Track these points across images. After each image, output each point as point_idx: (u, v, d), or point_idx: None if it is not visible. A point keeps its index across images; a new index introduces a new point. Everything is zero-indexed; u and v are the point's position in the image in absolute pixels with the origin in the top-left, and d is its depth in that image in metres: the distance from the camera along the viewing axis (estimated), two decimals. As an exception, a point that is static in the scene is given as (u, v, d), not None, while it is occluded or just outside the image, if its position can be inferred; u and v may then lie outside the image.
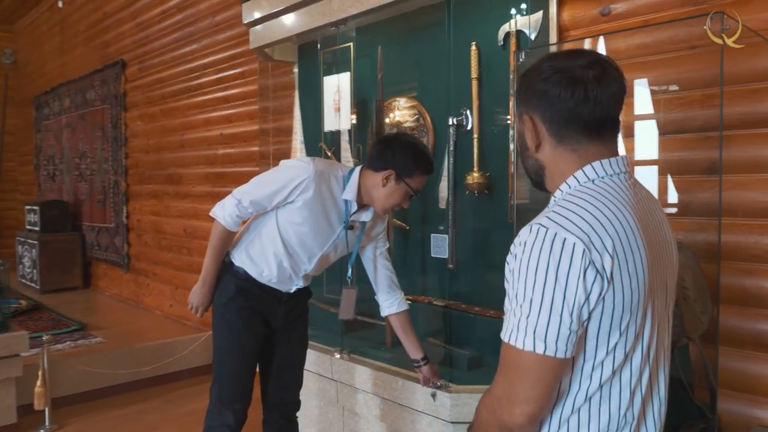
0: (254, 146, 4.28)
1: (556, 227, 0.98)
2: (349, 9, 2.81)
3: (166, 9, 5.20)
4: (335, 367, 2.92)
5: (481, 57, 2.74)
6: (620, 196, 1.04)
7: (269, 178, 2.16)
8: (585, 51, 1.10)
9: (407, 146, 2.15)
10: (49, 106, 7.86)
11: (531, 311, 0.97)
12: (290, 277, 2.29)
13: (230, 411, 2.29)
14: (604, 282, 0.96)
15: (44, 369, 3.53)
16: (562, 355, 0.97)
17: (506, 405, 1.01)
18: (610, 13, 2.40)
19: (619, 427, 1.05)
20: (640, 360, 1.05)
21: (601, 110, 1.05)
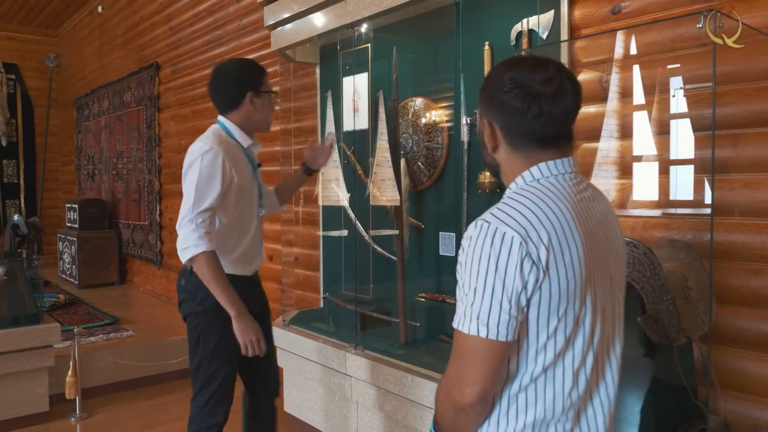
0: (279, 146, 4.37)
1: (497, 222, 1.06)
2: (364, 11, 2.85)
3: (198, 12, 5.35)
4: (349, 362, 2.98)
5: (494, 56, 2.76)
6: (560, 194, 1.12)
7: (197, 176, 2.10)
8: (546, 63, 1.15)
9: (237, 68, 2.28)
10: (89, 108, 8.14)
11: (475, 299, 1.06)
12: (257, 247, 2.42)
13: (219, 410, 2.30)
14: (539, 272, 1.04)
15: (75, 360, 3.69)
16: (504, 339, 1.06)
17: (458, 386, 1.10)
18: (620, 12, 2.39)
19: (564, 407, 1.12)
20: (582, 344, 1.12)
21: (554, 125, 1.13)
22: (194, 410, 2.32)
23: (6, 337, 3.46)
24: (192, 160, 2.14)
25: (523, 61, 1.18)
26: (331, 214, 3.78)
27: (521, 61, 1.18)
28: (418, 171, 3.15)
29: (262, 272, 4.66)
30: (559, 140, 1.16)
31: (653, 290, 1.73)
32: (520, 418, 1.13)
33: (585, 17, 2.50)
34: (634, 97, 2.39)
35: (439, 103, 3.08)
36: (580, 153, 2.52)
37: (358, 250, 3.50)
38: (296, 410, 3.52)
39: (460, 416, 1.13)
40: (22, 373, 3.58)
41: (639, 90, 2.36)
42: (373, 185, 3.38)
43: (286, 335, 3.44)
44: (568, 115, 1.15)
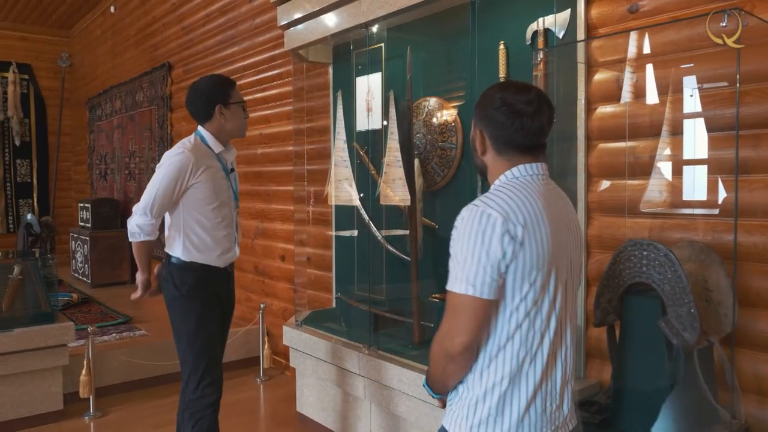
0: (291, 146, 4.37)
1: (484, 206, 1.34)
2: (378, 10, 2.85)
3: (210, 12, 5.36)
4: (362, 363, 2.97)
5: (510, 56, 2.74)
6: (532, 189, 1.40)
7: (160, 179, 2.45)
8: (529, 88, 1.44)
9: (206, 85, 2.56)
10: (102, 108, 8.19)
11: (465, 265, 1.32)
12: (230, 243, 2.65)
13: (211, 390, 2.55)
14: (516, 244, 1.31)
15: (89, 359, 3.70)
16: (487, 297, 1.32)
17: (449, 337, 1.36)
18: (638, 11, 2.37)
19: (532, 363, 1.38)
20: (548, 309, 1.38)
21: (531, 138, 1.43)
22: (189, 396, 2.55)
23: (21, 336, 3.48)
24: (163, 163, 2.49)
25: (511, 84, 1.48)
26: (344, 214, 3.77)
27: (510, 84, 1.48)
28: (432, 171, 3.14)
29: (273, 271, 4.69)
30: (533, 149, 1.45)
31: (674, 292, 1.71)
32: (498, 371, 1.38)
33: (602, 16, 2.48)
34: (650, 96, 2.36)
35: (453, 103, 3.06)
36: (596, 153, 2.50)
37: (371, 250, 3.49)
38: (309, 410, 3.52)
39: (451, 363, 1.39)
40: (36, 371, 3.59)
41: (655, 90, 2.34)
42: (384, 185, 3.38)
43: (299, 335, 3.44)
44: (543, 130, 1.45)
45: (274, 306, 4.63)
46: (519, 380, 1.37)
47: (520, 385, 1.38)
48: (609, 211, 2.48)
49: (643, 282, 1.80)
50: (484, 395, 1.39)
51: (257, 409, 3.97)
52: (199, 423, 2.54)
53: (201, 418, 2.54)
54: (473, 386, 1.41)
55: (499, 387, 1.37)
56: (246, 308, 5.01)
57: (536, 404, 1.39)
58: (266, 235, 4.74)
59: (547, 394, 1.41)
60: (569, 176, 2.54)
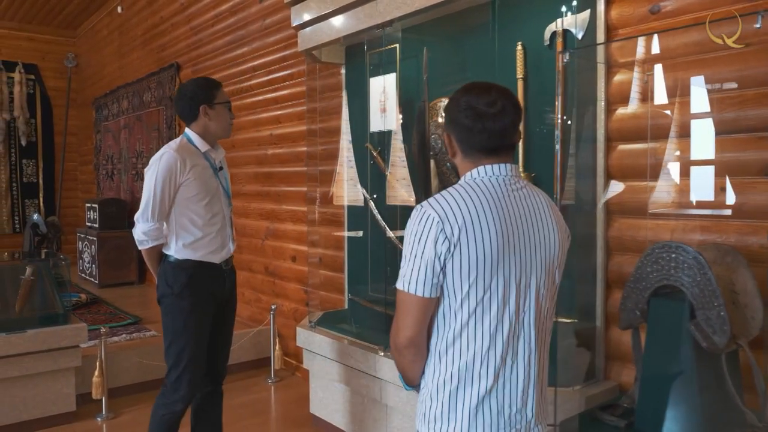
0: (303, 146, 4.37)
1: (426, 206, 1.39)
2: (395, 11, 2.84)
3: (219, 13, 5.35)
4: (379, 364, 2.96)
5: (527, 57, 2.73)
6: (486, 190, 1.41)
7: (153, 183, 2.51)
8: (492, 89, 1.45)
9: (191, 86, 2.63)
10: (108, 108, 8.18)
11: (406, 264, 1.40)
12: (224, 239, 2.70)
13: (187, 387, 2.60)
14: (451, 245, 1.35)
15: (102, 360, 3.70)
16: (426, 295, 1.38)
17: (395, 332, 1.44)
18: (660, 11, 2.36)
19: (483, 363, 1.40)
20: (497, 311, 1.39)
21: (494, 139, 1.44)
22: (166, 385, 2.65)
23: (35, 337, 3.48)
24: (151, 167, 2.55)
25: (474, 87, 1.47)
26: (357, 215, 3.76)
27: (474, 87, 1.48)
28: (448, 172, 3.13)
29: (284, 272, 4.68)
30: (498, 150, 1.46)
31: (703, 295, 1.70)
32: (448, 368, 1.42)
33: (622, 17, 2.47)
34: (672, 97, 2.35)
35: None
36: (617, 155, 2.49)
37: (384, 250, 3.49)
38: (322, 412, 3.51)
39: (399, 356, 1.47)
40: (49, 373, 3.59)
41: (677, 91, 2.33)
42: (388, 186, 3.37)
43: (312, 337, 3.43)
44: (506, 131, 1.44)
45: (285, 307, 4.62)
46: (470, 378, 1.40)
47: (471, 383, 1.40)
48: (629, 212, 2.47)
49: (671, 285, 1.79)
50: (436, 391, 1.44)
51: (270, 411, 3.96)
52: (168, 416, 2.64)
53: (171, 411, 2.63)
54: (428, 381, 1.46)
55: (449, 383, 1.42)
56: (256, 309, 5.01)
57: (491, 404, 1.41)
58: (277, 236, 4.74)
59: (504, 396, 1.42)
60: (588, 177, 2.53)
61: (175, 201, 2.56)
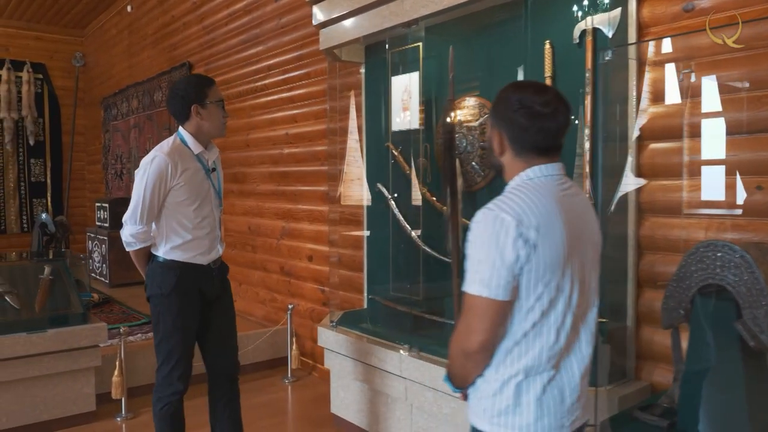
0: (319, 146, 4.36)
1: (497, 210, 1.38)
2: (422, 9, 2.82)
3: (233, 12, 5.34)
4: (404, 364, 2.95)
5: (556, 55, 2.72)
6: (546, 190, 1.44)
7: (143, 187, 2.50)
8: (546, 89, 1.49)
9: (182, 85, 2.60)
10: (117, 107, 8.17)
11: (480, 267, 1.38)
12: (212, 241, 2.70)
13: (180, 381, 2.66)
14: (529, 247, 1.36)
15: (121, 359, 3.69)
16: (502, 298, 1.37)
17: (465, 336, 1.42)
18: (693, 9, 2.34)
19: (548, 357, 1.44)
20: (563, 307, 1.43)
21: (549, 139, 1.46)
22: (158, 380, 2.69)
23: (55, 337, 3.47)
24: (141, 170, 2.53)
25: (528, 85, 1.52)
26: (376, 214, 3.75)
27: (527, 85, 1.53)
28: (472, 171, 3.12)
29: (300, 272, 4.66)
30: (550, 150, 1.48)
31: (750, 294, 1.69)
32: (514, 365, 1.44)
33: (655, 15, 2.45)
34: (705, 96, 2.34)
35: (495, 103, 3.03)
36: (648, 154, 2.48)
37: (405, 250, 3.47)
38: (344, 412, 3.50)
39: (468, 361, 1.46)
40: (69, 372, 3.58)
41: (711, 90, 2.32)
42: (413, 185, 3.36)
43: (335, 336, 3.42)
44: (561, 131, 1.48)
45: (301, 307, 4.61)
46: (535, 374, 1.44)
47: (536, 378, 1.44)
48: (661, 211, 2.46)
49: (716, 284, 1.78)
50: (501, 387, 1.45)
51: (289, 411, 3.95)
52: (166, 407, 2.68)
53: (168, 403, 2.68)
54: (490, 379, 1.47)
55: (515, 379, 1.44)
56: (271, 309, 4.99)
57: (554, 395, 1.45)
58: (292, 236, 4.72)
59: (565, 386, 1.47)
60: (619, 176, 2.52)
61: (165, 204, 2.57)
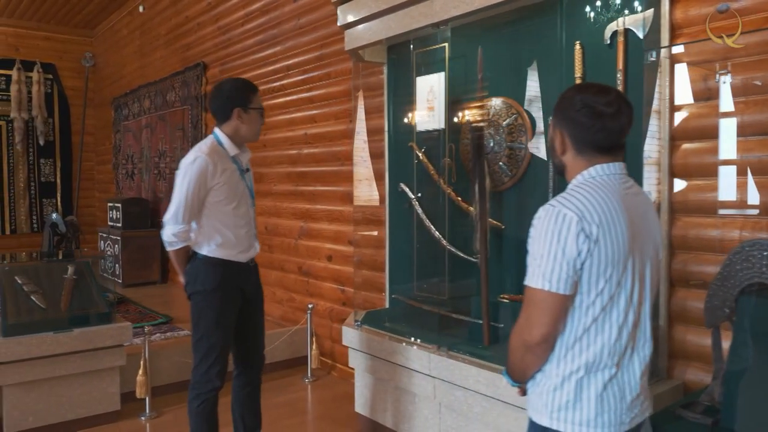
0: (339, 146, 4.37)
1: (560, 206, 1.43)
2: (453, 10, 2.83)
3: (249, 12, 5.35)
4: (433, 363, 2.96)
5: (586, 56, 2.73)
6: (609, 188, 1.47)
7: (185, 187, 2.57)
8: (608, 90, 1.51)
9: (229, 86, 2.67)
10: (129, 107, 8.18)
11: (542, 262, 1.42)
12: (250, 239, 2.79)
13: (218, 378, 2.71)
14: (591, 243, 1.40)
15: (146, 359, 3.70)
16: (563, 292, 1.41)
17: (527, 329, 1.46)
18: (728, 10, 2.36)
19: (610, 353, 1.46)
20: (625, 303, 1.46)
21: (612, 138, 1.49)
22: (195, 377, 2.74)
23: (81, 336, 3.48)
24: (182, 170, 2.60)
25: (590, 86, 1.54)
26: (399, 214, 3.76)
27: (589, 86, 1.54)
28: (500, 171, 3.13)
29: (319, 272, 4.68)
30: (612, 149, 1.51)
31: (798, 293, 1.70)
32: (575, 360, 1.47)
33: (688, 16, 2.47)
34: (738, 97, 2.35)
35: (523, 103, 3.05)
36: (681, 154, 2.49)
37: (430, 250, 3.49)
38: (369, 411, 3.51)
39: (529, 354, 1.50)
40: (95, 372, 3.59)
41: (747, 90, 2.33)
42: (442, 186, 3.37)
43: (360, 336, 3.43)
44: (623, 130, 1.50)
45: (320, 306, 4.62)
46: (596, 369, 1.46)
47: (596, 373, 1.47)
48: (694, 211, 2.47)
49: (761, 282, 1.80)
50: (561, 383, 1.48)
51: (312, 410, 3.96)
52: (204, 404, 2.74)
53: (205, 400, 2.73)
54: (550, 374, 1.50)
55: (575, 375, 1.47)
56: (288, 308, 5.01)
57: (614, 392, 1.47)
58: (311, 236, 4.74)
59: (626, 384, 1.49)
60: (651, 176, 2.53)
61: (205, 204, 2.63)
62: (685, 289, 2.49)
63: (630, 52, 2.56)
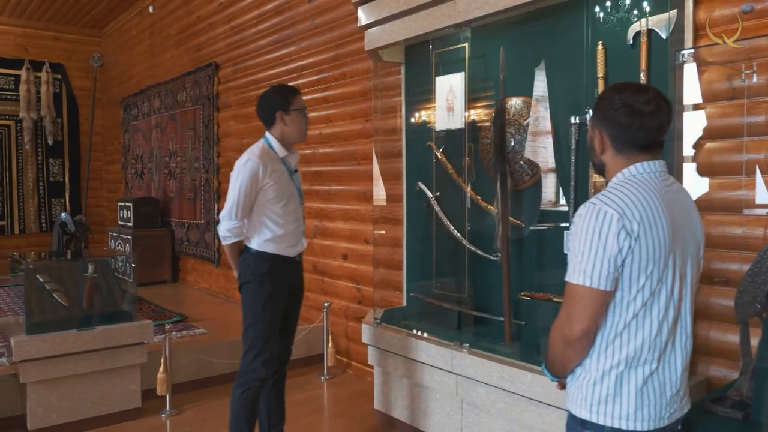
0: (355, 145, 4.40)
1: (600, 204, 1.45)
2: (476, 11, 2.87)
3: (263, 12, 5.38)
4: (456, 360, 2.99)
5: (608, 57, 2.76)
6: (649, 186, 1.50)
7: (237, 186, 2.73)
8: (646, 88, 1.54)
9: (269, 93, 2.87)
10: (138, 107, 8.22)
11: (583, 259, 1.45)
12: (298, 236, 2.95)
13: (264, 367, 2.82)
14: (632, 240, 1.42)
15: (166, 356, 3.73)
16: (604, 288, 1.44)
17: (567, 324, 1.49)
18: (752, 11, 2.39)
19: (650, 348, 1.49)
20: (665, 299, 1.49)
21: (651, 136, 1.52)
22: (243, 366, 2.85)
23: (104, 334, 3.51)
24: (235, 171, 2.78)
25: (629, 86, 1.55)
26: (418, 213, 3.80)
27: (628, 86, 1.56)
28: (520, 170, 3.16)
29: (334, 270, 4.71)
30: (652, 147, 1.54)
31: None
32: (615, 355, 1.49)
33: (712, 17, 2.50)
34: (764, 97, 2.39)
35: (544, 103, 3.08)
36: (704, 153, 2.52)
37: (449, 248, 3.52)
38: (389, 408, 3.54)
39: (569, 348, 1.52)
40: (116, 369, 3.62)
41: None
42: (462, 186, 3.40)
43: (380, 333, 3.46)
44: (662, 128, 1.53)
45: (335, 305, 4.66)
46: (636, 364, 1.49)
47: (636, 368, 1.49)
48: (717, 209, 2.50)
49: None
50: (601, 377, 1.51)
51: (329, 408, 3.99)
52: (248, 392, 2.83)
53: (249, 388, 2.83)
54: (590, 368, 1.53)
55: (615, 369, 1.50)
56: (304, 307, 4.98)
57: (654, 386, 1.50)
58: (325, 234, 4.77)
59: (666, 379, 1.52)
60: (677, 175, 2.56)
61: (257, 202, 2.80)
62: (708, 287, 2.52)
63: (653, 52, 2.60)
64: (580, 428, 1.57)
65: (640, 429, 1.50)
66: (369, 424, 3.64)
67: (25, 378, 3.34)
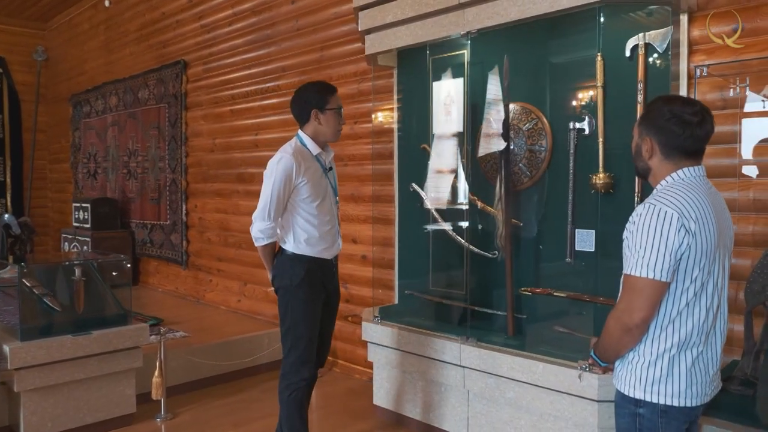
0: (342, 147, 4.46)
1: (660, 204, 1.64)
2: (487, 20, 3.00)
3: (238, 12, 5.35)
4: (464, 354, 3.13)
5: (607, 68, 2.97)
6: (698, 188, 1.70)
7: (270, 185, 2.69)
8: (692, 101, 1.75)
9: (306, 90, 2.85)
10: (91, 105, 7.92)
11: (645, 253, 1.63)
12: (334, 236, 2.90)
13: (306, 368, 2.83)
14: (690, 237, 1.61)
15: (161, 360, 3.69)
16: (664, 279, 1.63)
17: (628, 313, 1.68)
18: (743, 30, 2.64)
19: (699, 333, 1.69)
20: (712, 289, 1.70)
21: (698, 144, 1.72)
22: (285, 368, 2.85)
23: (100, 339, 3.44)
24: (269, 170, 2.73)
25: (677, 98, 1.79)
26: (410, 213, 3.91)
27: (675, 98, 1.79)
28: (519, 172, 3.34)
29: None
30: (696, 153, 1.74)
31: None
32: (668, 340, 1.68)
33: (705, 34, 2.74)
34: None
35: (544, 109, 3.26)
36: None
37: (443, 246, 3.66)
38: (390, 402, 3.64)
39: (627, 335, 1.70)
40: (112, 374, 3.55)
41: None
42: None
43: (381, 330, 3.56)
44: (708, 137, 1.73)
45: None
46: (686, 348, 1.68)
47: (686, 351, 1.68)
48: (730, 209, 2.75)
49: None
50: (655, 360, 1.70)
51: (327, 405, 4.04)
52: (294, 393, 2.84)
53: (296, 389, 2.84)
54: (644, 353, 1.72)
55: (668, 353, 1.69)
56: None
57: (700, 367, 1.70)
58: (309, 234, 4.80)
59: (709, 360, 1.72)
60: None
61: (291, 202, 2.76)
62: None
63: (649, 64, 2.83)
64: (634, 407, 1.76)
65: (689, 405, 1.70)
66: (370, 419, 3.72)
67: (20, 386, 3.23)
